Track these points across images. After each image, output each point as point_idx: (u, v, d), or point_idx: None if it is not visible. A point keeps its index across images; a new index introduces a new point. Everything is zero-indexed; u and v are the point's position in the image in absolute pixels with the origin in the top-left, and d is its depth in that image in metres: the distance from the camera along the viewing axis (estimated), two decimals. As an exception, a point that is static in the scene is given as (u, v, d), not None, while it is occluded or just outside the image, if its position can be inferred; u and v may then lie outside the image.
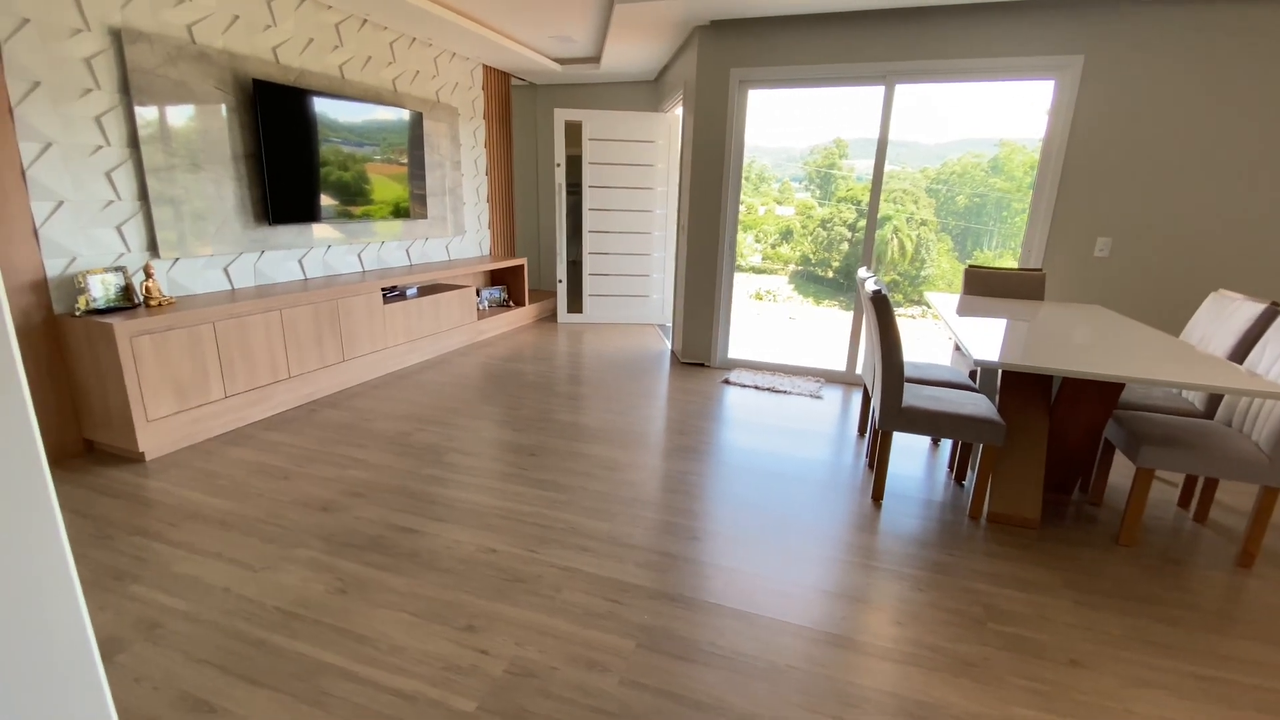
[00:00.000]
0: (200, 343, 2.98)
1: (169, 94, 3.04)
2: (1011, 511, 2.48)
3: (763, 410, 3.76)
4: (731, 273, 4.52)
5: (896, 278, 19.54)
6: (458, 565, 2.11)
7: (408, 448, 3.06)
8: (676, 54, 4.96)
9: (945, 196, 20.38)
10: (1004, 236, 19.72)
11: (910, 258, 19.87)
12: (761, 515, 2.51)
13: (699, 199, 4.42)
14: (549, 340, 5.32)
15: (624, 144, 5.62)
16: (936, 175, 20.70)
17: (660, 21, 4.08)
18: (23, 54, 2.49)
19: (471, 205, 5.58)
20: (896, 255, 19.75)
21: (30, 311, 2.64)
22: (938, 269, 19.90)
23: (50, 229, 2.68)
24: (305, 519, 2.38)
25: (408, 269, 4.70)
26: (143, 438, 2.78)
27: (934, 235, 19.99)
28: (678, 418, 3.58)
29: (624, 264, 5.91)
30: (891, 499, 2.68)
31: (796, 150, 23.01)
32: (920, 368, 3.07)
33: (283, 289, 3.60)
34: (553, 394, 3.92)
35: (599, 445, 3.14)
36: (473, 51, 5.04)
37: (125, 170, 2.94)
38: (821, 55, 3.90)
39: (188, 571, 2.05)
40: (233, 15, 3.32)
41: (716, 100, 4.21)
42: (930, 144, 22.07)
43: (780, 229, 21.87)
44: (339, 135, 3.97)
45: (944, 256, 20.11)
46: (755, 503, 2.61)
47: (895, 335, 2.41)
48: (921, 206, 20.45)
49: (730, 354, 4.71)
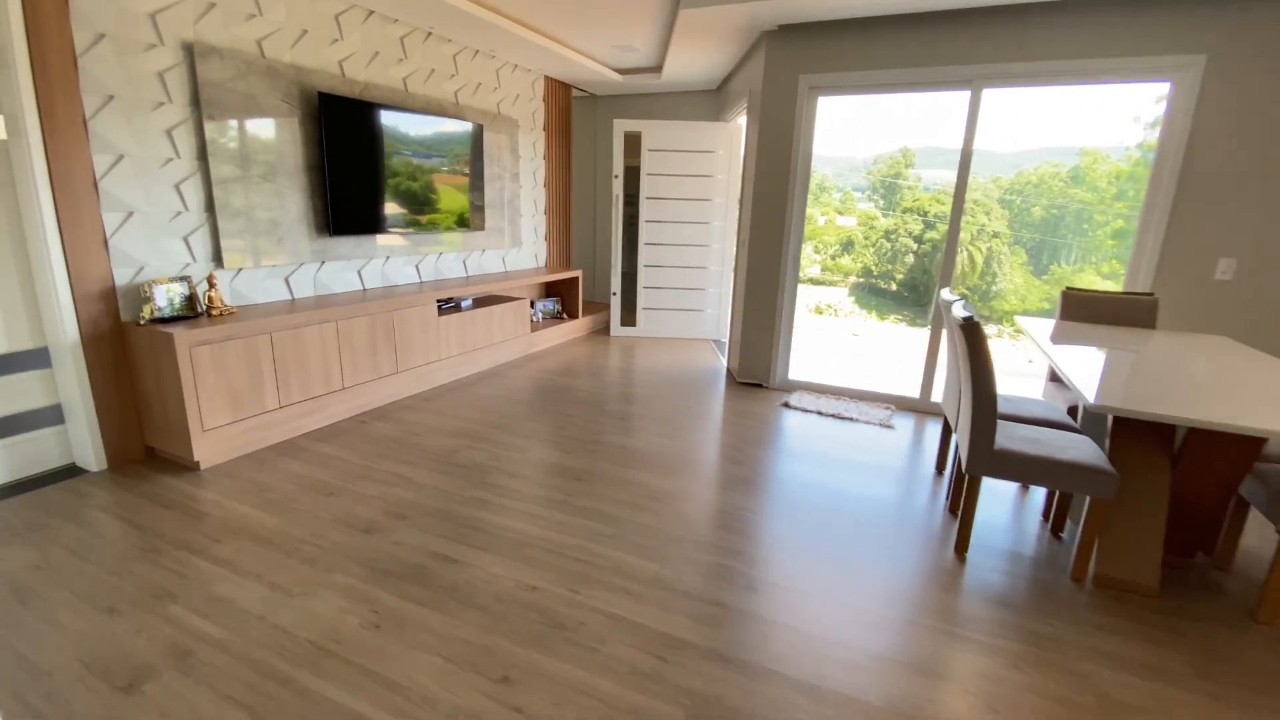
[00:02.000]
0: (257, 353, 2.99)
1: (238, 107, 3.09)
2: (1124, 576, 2.15)
3: (827, 439, 3.50)
4: (795, 289, 4.28)
5: (965, 292, 18.59)
6: (496, 603, 1.97)
7: (454, 466, 2.97)
8: (741, 61, 4.77)
9: (1019, 208, 19.32)
10: (1084, 250, 18.46)
11: (980, 271, 18.91)
12: (827, 564, 2.27)
13: (761, 211, 4.21)
14: (601, 354, 5.20)
15: (683, 155, 5.47)
16: (1010, 185, 19.66)
17: (726, 27, 3.91)
18: (98, 68, 2.55)
19: (529, 217, 5.54)
20: (966, 269, 18.82)
21: (98, 319, 2.70)
22: (1010, 283, 18.82)
23: (120, 239, 2.74)
24: (347, 540, 2.31)
25: (464, 281, 4.68)
26: (198, 447, 2.79)
27: (1006, 249, 18.95)
28: (733, 444, 3.37)
29: (680, 277, 5.74)
30: (977, 550, 2.38)
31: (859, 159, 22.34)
32: (1011, 402, 2.76)
33: (342, 299, 3.61)
34: (602, 412, 3.78)
35: (648, 472, 2.97)
36: (535, 63, 5.00)
37: (194, 182, 2.99)
38: (900, 59, 3.63)
39: (226, 594, 1.99)
40: (301, 29, 3.36)
41: (783, 108, 3.99)
42: (1004, 152, 21.00)
43: (841, 240, 21.23)
44: (400, 148, 3.98)
45: (1017, 271, 19.02)
46: (819, 548, 2.37)
47: (988, 368, 2.14)
48: (993, 218, 19.43)
49: (791, 374, 4.46)
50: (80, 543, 2.23)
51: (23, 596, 1.93)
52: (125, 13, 2.61)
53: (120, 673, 1.65)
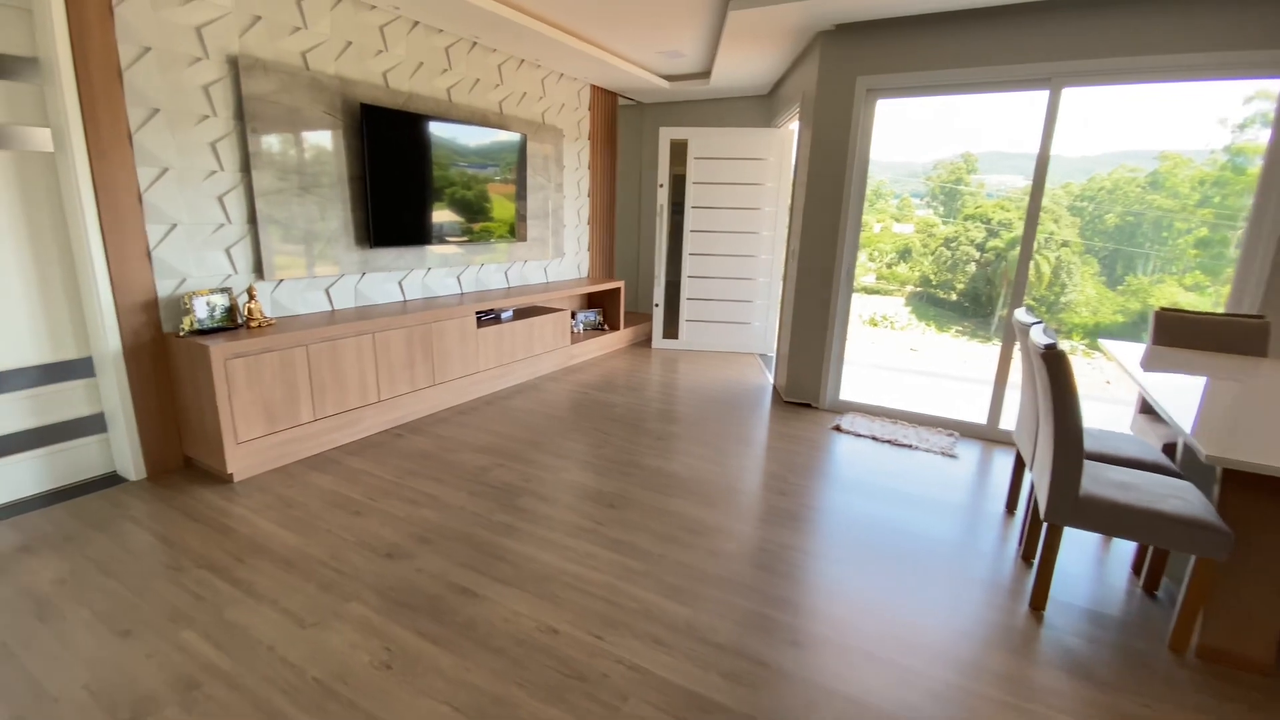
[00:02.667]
0: (293, 366, 2.97)
1: (281, 120, 3.09)
2: (1235, 649, 1.83)
3: (882, 468, 3.23)
4: (848, 303, 4.02)
5: (1031, 303, 17.64)
6: (514, 646, 1.83)
7: (484, 486, 2.86)
8: (794, 64, 4.56)
9: (1091, 215, 18.19)
10: (1163, 260, 17.19)
11: (1047, 282, 17.89)
12: (881, 615, 2.03)
13: (813, 220, 3.98)
14: (642, 367, 5.05)
15: (732, 162, 5.27)
16: (1082, 191, 18.56)
17: (777, 28, 3.72)
18: (143, 82, 2.58)
19: (572, 228, 5.46)
20: (1032, 279, 17.84)
21: (140, 330, 2.72)
22: (1080, 295, 17.74)
23: (163, 250, 2.76)
24: (367, 565, 2.22)
25: (505, 292, 4.62)
26: (231, 459, 2.78)
27: (1077, 258, 17.88)
28: (779, 471, 3.15)
29: (725, 288, 5.53)
30: (1055, 608, 2.10)
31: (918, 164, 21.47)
32: (1096, 437, 2.45)
33: (381, 310, 3.58)
34: (640, 431, 3.62)
35: (686, 500, 2.78)
36: (581, 72, 4.92)
37: (237, 194, 3.00)
38: (970, 57, 3.35)
39: (240, 619, 1.92)
40: (346, 41, 3.36)
41: (838, 112, 3.76)
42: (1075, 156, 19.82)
43: (898, 247, 20.39)
44: (443, 159, 3.95)
45: (1088, 281, 17.93)
46: (873, 596, 2.14)
47: (1074, 403, 1.87)
48: (1063, 226, 18.39)
49: (843, 395, 4.19)
50: (108, 556, 2.22)
51: (44, 613, 1.91)
52: (170, 26, 2.63)
53: (124, 704, 1.59)
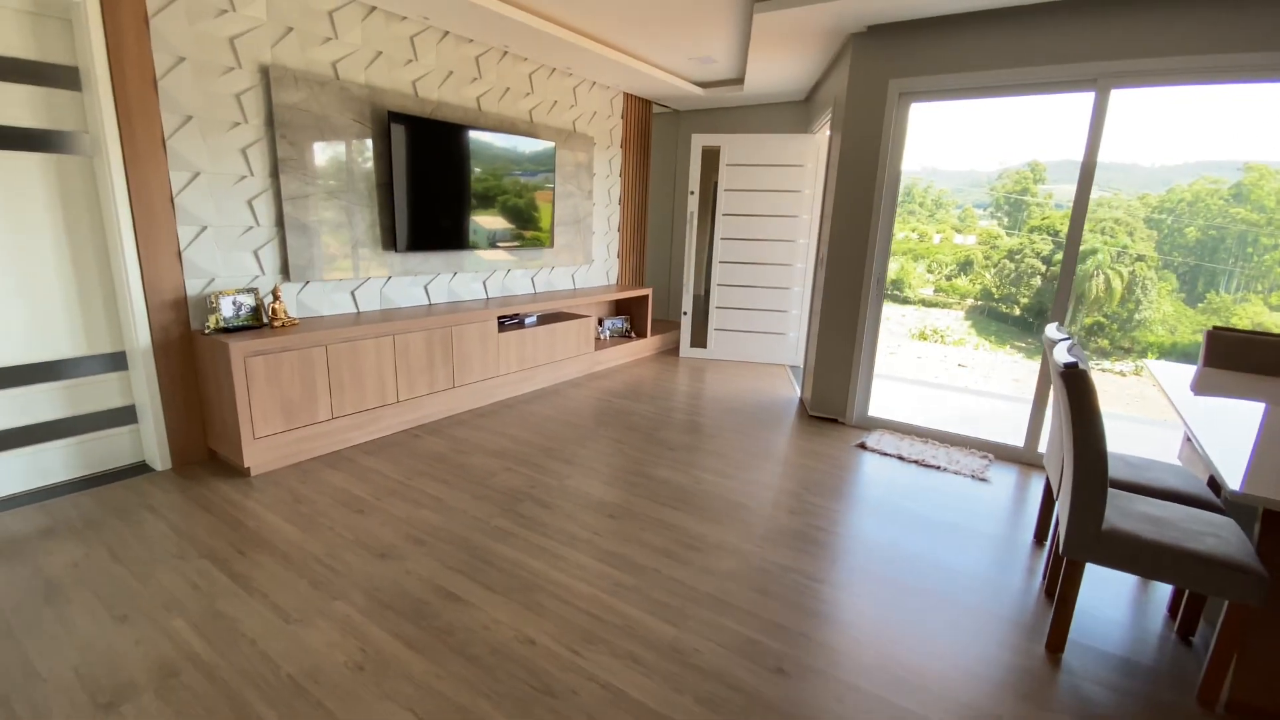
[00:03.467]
0: (311, 365, 3.05)
1: (310, 127, 3.20)
2: (1268, 704, 1.62)
3: (906, 490, 3.06)
4: (878, 314, 3.85)
5: (1102, 319, 16.58)
6: (488, 655, 1.80)
7: (488, 490, 2.85)
8: (829, 68, 4.43)
9: (1170, 228, 17.03)
10: (1247, 278, 15.89)
11: (1119, 298, 16.82)
12: (882, 647, 1.90)
13: (842, 227, 3.84)
14: (667, 376, 4.98)
15: (766, 169, 5.17)
16: (1160, 203, 17.41)
17: (805, 31, 3.62)
18: (177, 90, 2.71)
19: (601, 234, 5.46)
20: (1102, 294, 16.81)
21: (169, 327, 2.85)
22: (1156, 312, 16.60)
23: (193, 251, 2.89)
24: (360, 564, 2.24)
25: (531, 297, 4.65)
26: (249, 454, 2.86)
27: (1153, 273, 16.74)
28: (793, 489, 3.02)
29: (757, 298, 5.41)
30: (1077, 650, 1.91)
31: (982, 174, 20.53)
32: (1133, 464, 2.24)
33: (406, 314, 3.65)
34: (655, 441, 3.55)
35: (689, 515, 2.70)
36: (613, 80, 4.93)
37: (265, 198, 3.12)
38: (1007, 58, 3.17)
39: (230, 611, 1.96)
40: (376, 51, 3.46)
41: (869, 117, 3.62)
42: (1152, 166, 18.58)
43: (958, 259, 19.51)
44: (471, 167, 4.01)
45: (1165, 298, 16.76)
46: (876, 628, 2.00)
47: (1096, 428, 1.70)
48: (1138, 239, 17.28)
49: (871, 411, 4.01)
50: (121, 543, 2.31)
51: (51, 595, 2.00)
52: (205, 37, 2.76)
53: (106, 689, 1.63)
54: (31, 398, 2.63)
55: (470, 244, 4.15)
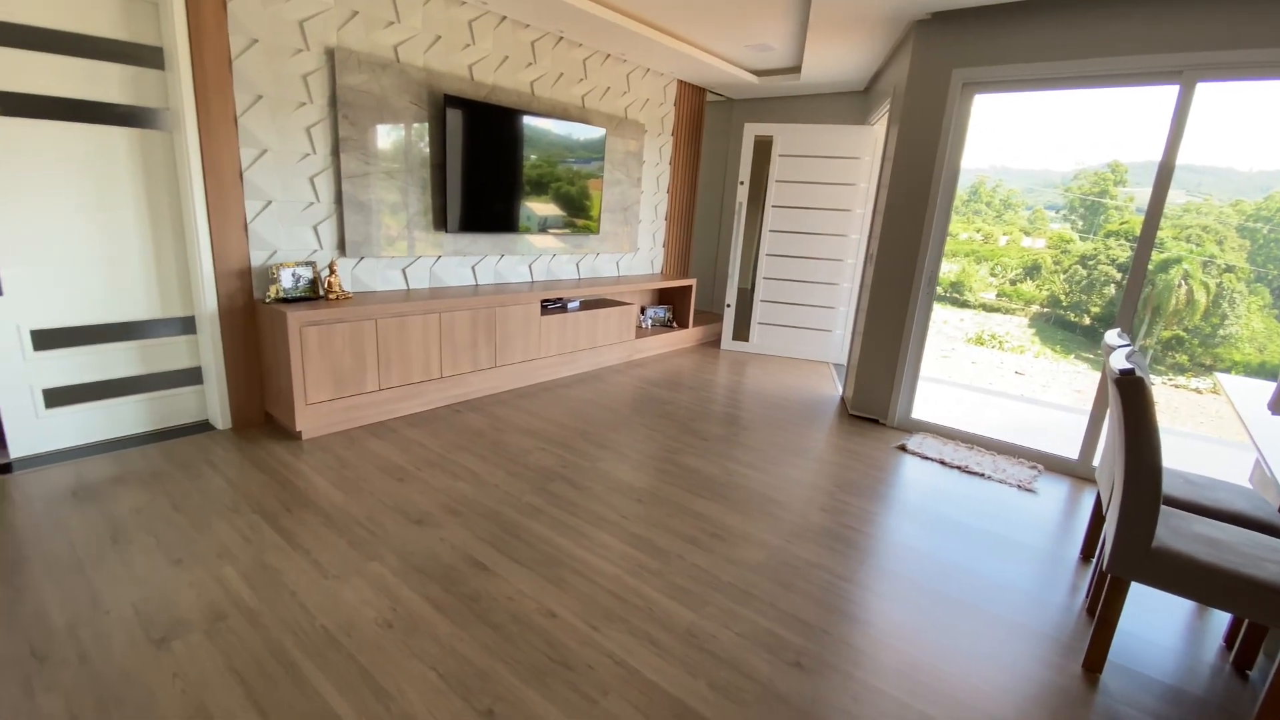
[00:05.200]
0: (362, 337, 3.18)
1: (370, 108, 3.31)
2: (1348, 756, 1.50)
3: (946, 496, 2.97)
4: (927, 315, 3.72)
5: (1182, 334, 15.53)
6: (510, 623, 1.85)
7: (522, 468, 2.92)
8: (890, 57, 4.28)
9: (1266, 238, 15.74)
10: (1354, 297, 14.52)
11: (1203, 311, 15.71)
12: (905, 655, 1.86)
13: (895, 224, 3.72)
14: (706, 368, 4.96)
15: (820, 160, 5.05)
16: (1255, 210, 16.11)
17: (865, 17, 3.50)
18: (250, 70, 2.85)
19: (648, 222, 5.46)
20: (1183, 305, 15.73)
21: (234, 295, 3.02)
22: (1245, 329, 15.43)
23: (258, 224, 3.04)
24: (397, 529, 2.33)
25: (575, 283, 4.70)
26: (300, 418, 3.01)
27: (1244, 286, 15.55)
28: (828, 487, 2.97)
29: (804, 293, 5.31)
30: (1117, 673, 1.82)
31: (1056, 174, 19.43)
32: (1194, 483, 2.10)
33: (453, 293, 3.75)
34: (689, 430, 3.55)
35: (718, 505, 2.69)
36: (668, 67, 4.90)
37: (326, 176, 3.25)
38: (1082, 47, 2.99)
39: (275, 563, 2.07)
40: (435, 35, 3.55)
41: (929, 108, 3.49)
42: (1249, 170, 17.19)
43: (1025, 262, 18.59)
44: (522, 150, 4.07)
45: (1255, 314, 15.54)
46: (901, 632, 1.96)
47: (1151, 440, 1.61)
48: (1228, 248, 16.07)
49: (915, 413, 3.89)
50: (182, 494, 2.48)
51: (117, 536, 2.16)
52: (277, 20, 2.89)
53: (160, 624, 1.76)
54: (110, 355, 2.84)
55: (518, 228, 4.22)
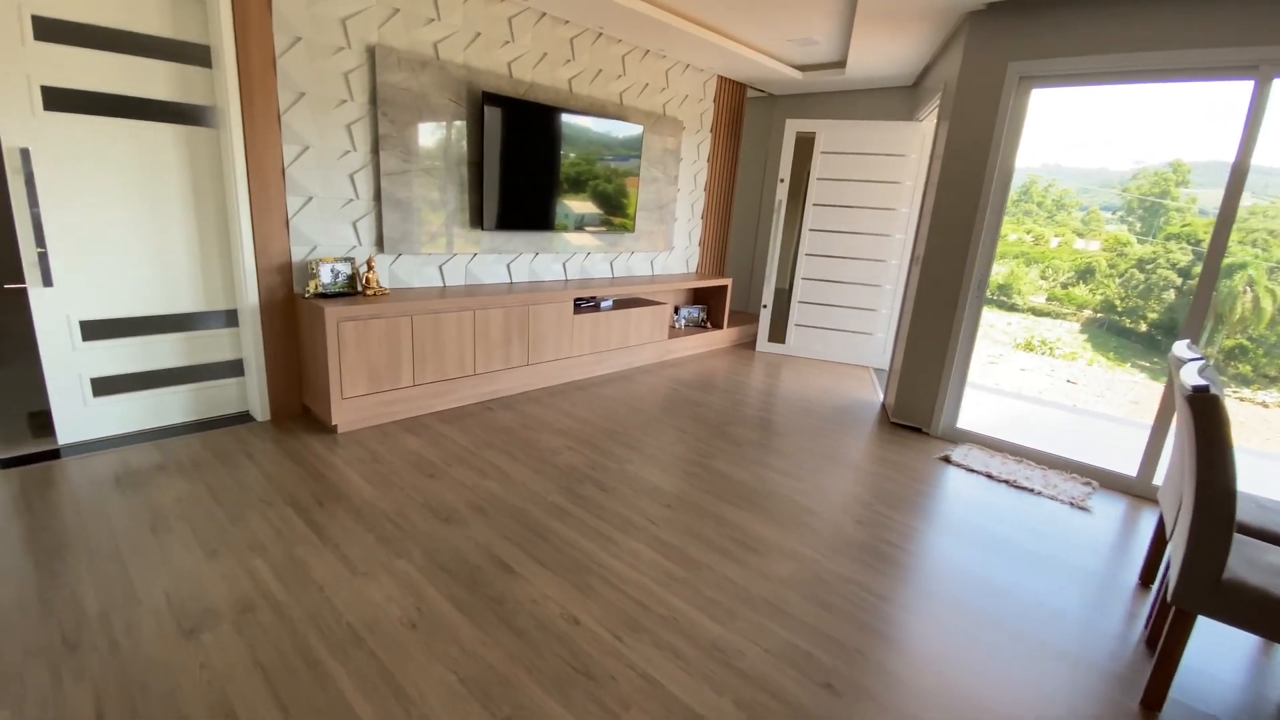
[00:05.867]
0: (397, 333, 3.20)
1: (410, 106, 3.34)
2: None
3: (993, 511, 2.82)
4: (976, 320, 3.56)
5: (1246, 343, 14.65)
6: (533, 629, 1.82)
7: (549, 467, 2.90)
8: (940, 51, 4.11)
9: (1348, 242, 14.73)
10: None
11: (1269, 320, 14.79)
12: (945, 682, 1.76)
13: (943, 224, 3.57)
14: (740, 369, 4.86)
15: (864, 158, 4.90)
16: (1333, 213, 15.08)
17: (915, 9, 3.36)
18: (293, 68, 2.89)
19: (684, 221, 5.39)
20: (1249, 313, 14.84)
21: (274, 289, 3.07)
22: (1318, 340, 14.47)
23: (299, 220, 3.09)
24: (424, 525, 2.33)
25: (609, 281, 4.66)
26: (336, 412, 3.05)
27: (1321, 293, 14.58)
28: (866, 498, 2.86)
29: (844, 294, 5.16)
30: (1179, 712, 1.69)
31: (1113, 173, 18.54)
32: (1268, 509, 1.94)
33: (488, 290, 3.76)
34: (721, 434, 3.47)
35: (750, 514, 2.61)
36: (708, 62, 4.82)
37: (365, 173, 3.28)
38: (1150, 39, 2.80)
39: (305, 557, 2.09)
40: (475, 32, 3.55)
41: (982, 103, 3.32)
42: (1326, 170, 16.06)
43: (1078, 265, 17.78)
44: (559, 147, 4.05)
45: (1327, 323, 14.57)
46: (942, 657, 1.86)
47: (1224, 461, 1.48)
48: (1302, 253, 15.10)
49: (960, 423, 3.73)
50: (220, 484, 2.53)
51: (156, 525, 2.21)
52: (320, 18, 2.93)
53: (191, 615, 1.79)
54: (155, 346, 2.93)
55: (553, 226, 4.21)
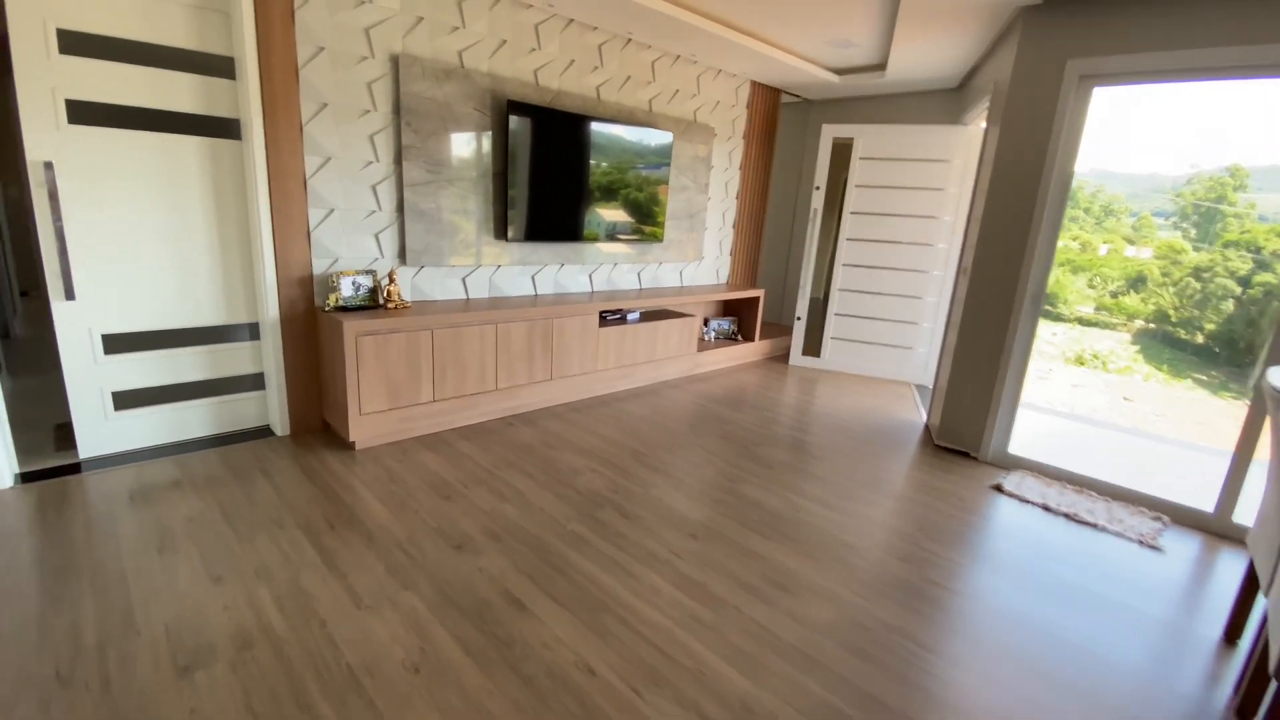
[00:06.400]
0: (417, 347, 3.12)
1: (434, 115, 3.27)
2: None
3: (1051, 549, 2.58)
4: (1030, 336, 3.30)
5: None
6: (543, 677, 1.67)
7: (570, 490, 2.76)
8: (990, 50, 3.87)
9: None
10: None
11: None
12: (1003, 750, 1.55)
13: (994, 232, 3.33)
14: (773, 384, 4.66)
15: (905, 164, 4.67)
16: None
17: (963, 6, 3.15)
18: (316, 79, 2.84)
19: (715, 230, 5.22)
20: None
21: (295, 302, 3.02)
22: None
23: (321, 232, 3.04)
24: (436, 554, 2.21)
25: (636, 293, 4.53)
26: (354, 428, 2.98)
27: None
28: (909, 531, 2.64)
29: (883, 306, 4.92)
30: (1290, 807, 1.44)
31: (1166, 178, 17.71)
32: (1394, 567, 1.67)
33: (513, 303, 3.66)
34: (751, 456, 3.29)
35: (782, 546, 2.43)
36: (741, 67, 4.67)
37: (388, 184, 3.22)
38: (1227, 33, 2.54)
39: (310, 586, 2.00)
40: (501, 40, 3.47)
41: (1037, 104, 3.09)
42: None
43: (1129, 274, 16.97)
44: (586, 157, 3.94)
45: None
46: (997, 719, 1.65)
47: (1353, 520, 1.24)
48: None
49: (1012, 447, 3.46)
50: (233, 503, 2.47)
51: (165, 546, 2.15)
52: (343, 28, 2.88)
53: (188, 650, 1.70)
54: (177, 359, 2.90)
55: (579, 236, 4.10)
